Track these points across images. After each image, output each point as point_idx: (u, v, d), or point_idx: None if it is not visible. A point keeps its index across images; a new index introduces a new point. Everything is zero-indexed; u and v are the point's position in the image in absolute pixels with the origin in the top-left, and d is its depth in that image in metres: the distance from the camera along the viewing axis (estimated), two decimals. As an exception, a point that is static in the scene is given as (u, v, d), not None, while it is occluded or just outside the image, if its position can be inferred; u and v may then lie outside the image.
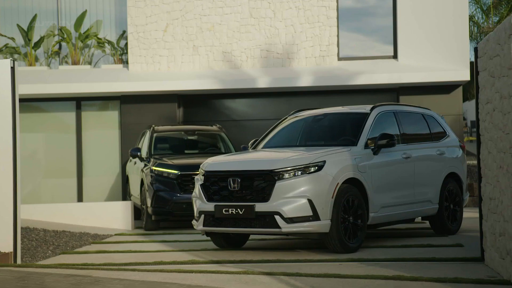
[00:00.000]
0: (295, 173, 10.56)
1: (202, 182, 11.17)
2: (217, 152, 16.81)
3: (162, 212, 14.96)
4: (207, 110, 20.25)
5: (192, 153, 16.75)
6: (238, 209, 10.68)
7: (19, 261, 10.35)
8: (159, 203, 14.89)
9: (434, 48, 19.19)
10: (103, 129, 20.58)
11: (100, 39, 20.91)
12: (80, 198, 20.36)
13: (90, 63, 21.12)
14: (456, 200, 13.04)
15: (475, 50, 9.75)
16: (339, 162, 10.85)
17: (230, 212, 10.74)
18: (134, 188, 16.93)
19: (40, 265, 10.25)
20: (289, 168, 10.57)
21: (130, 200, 17.61)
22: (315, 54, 19.45)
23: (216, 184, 11.02)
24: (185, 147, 17.00)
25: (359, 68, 19.22)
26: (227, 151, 16.73)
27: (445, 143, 13.14)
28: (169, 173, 14.96)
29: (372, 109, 12.05)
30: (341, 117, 12.43)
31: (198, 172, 14.74)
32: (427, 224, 14.33)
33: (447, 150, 13.07)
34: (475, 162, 21.81)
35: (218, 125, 17.54)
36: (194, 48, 19.78)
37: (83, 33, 20.86)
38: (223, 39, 19.71)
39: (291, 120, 12.85)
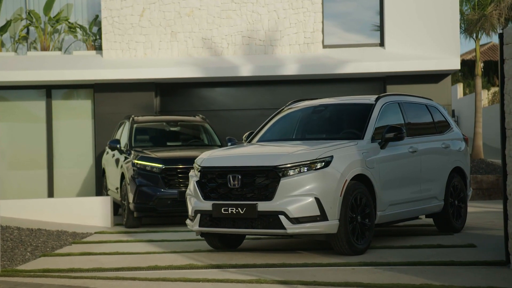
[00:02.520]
0: (300, 170, 9.74)
1: (198, 178, 10.29)
2: (201, 144, 15.93)
3: (145, 209, 14.04)
4: (186, 99, 19.33)
5: (175, 145, 15.81)
6: (239, 208, 9.83)
7: (-1, 267, 9.40)
8: (142, 199, 13.97)
9: (422, 35, 18.47)
10: (75, 119, 19.56)
11: (72, 23, 19.85)
12: (51, 192, 19.33)
13: (60, 49, 20.05)
14: (460, 196, 12.35)
15: (500, 36, 9.00)
16: (347, 157, 10.06)
17: (229, 212, 9.89)
18: (112, 182, 15.97)
19: (24, 272, 9.31)
20: (294, 164, 9.73)
21: (107, 195, 16.66)
22: (299, 41, 18.63)
23: (213, 181, 10.14)
24: (167, 139, 16.05)
25: (345, 56, 18.44)
26: (211, 143, 15.86)
27: (449, 135, 12.44)
28: (152, 167, 14.04)
29: (377, 99, 11.26)
30: (344, 108, 11.61)
31: (182, 166, 14.04)
32: (424, 220, 13.64)
33: (452, 143, 12.37)
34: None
35: (201, 116, 16.62)
36: (172, 34, 18.84)
37: (53, 17, 19.81)
38: (203, 25, 18.80)
39: (288, 112, 12.00)
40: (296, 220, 9.59)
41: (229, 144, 15.38)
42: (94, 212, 14.64)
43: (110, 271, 9.30)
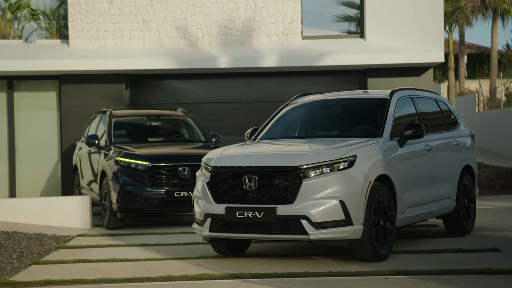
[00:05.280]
0: (322, 170, 9.01)
1: (209, 179, 9.45)
2: (184, 140, 15.04)
3: (130, 209, 13.13)
4: (158, 92, 18.38)
5: (157, 141, 14.86)
6: (256, 212, 9.05)
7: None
8: (127, 199, 13.04)
9: (404, 27, 17.88)
10: (39, 112, 18.40)
11: (34, 10, 18.71)
12: (12, 190, 18.16)
13: (20, 38, 18.89)
14: (470, 195, 11.79)
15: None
16: (370, 156, 9.37)
17: (245, 216, 9.10)
18: (88, 181, 14.96)
19: (23, 284, 8.44)
20: (316, 164, 9.00)
21: (79, 193, 15.66)
22: (277, 32, 17.86)
23: (226, 182, 9.33)
24: (148, 134, 15.07)
25: (325, 48, 17.74)
26: (194, 139, 15.00)
27: (459, 132, 11.86)
28: (137, 165, 13.13)
29: (391, 94, 10.57)
30: (357, 104, 10.89)
31: (170, 164, 13.18)
32: (426, 221, 13.07)
33: (461, 140, 11.79)
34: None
35: (182, 109, 15.70)
36: (143, 23, 17.87)
37: (14, 3, 18.63)
38: (177, 14, 17.88)
39: (293, 107, 11.20)
40: (319, 225, 8.89)
41: (213, 140, 14.64)
42: (71, 213, 13.70)
43: (119, 283, 8.50)
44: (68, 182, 17.62)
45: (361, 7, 18.17)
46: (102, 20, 17.87)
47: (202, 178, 9.62)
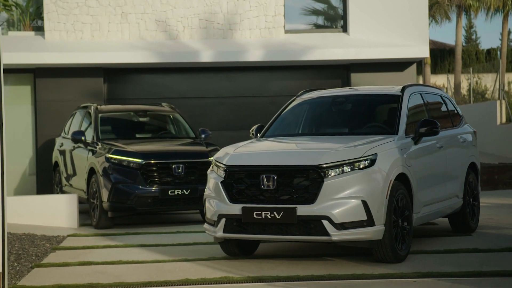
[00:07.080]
0: (343, 169, 8.71)
1: (223, 178, 9.07)
2: (173, 136, 14.57)
3: (122, 208, 12.67)
4: (137, 86, 17.87)
5: (145, 138, 14.35)
6: (275, 213, 8.71)
7: (5, 284, 7.96)
8: (119, 198, 12.57)
9: (388, 22, 17.66)
10: (13, 106, 17.71)
11: (7, 1, 17.98)
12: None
13: (-10, 29, 18.17)
14: (474, 193, 11.61)
15: None
16: (389, 154, 9.13)
17: (263, 216, 8.76)
18: (72, 178, 14.42)
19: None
20: (338, 163, 8.70)
21: (60, 191, 15.11)
22: (260, 26, 17.50)
23: (242, 181, 8.97)
24: (135, 131, 14.56)
25: (308, 42, 17.44)
26: (182, 135, 14.56)
27: (463, 129, 11.67)
28: (129, 162, 12.66)
29: (402, 90, 10.31)
30: (367, 100, 10.60)
31: (163, 161, 12.76)
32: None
33: (466, 137, 11.61)
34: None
35: (169, 104, 15.22)
36: (122, 15, 17.36)
37: (-16, -6, 17.93)
38: (156, 6, 17.40)
39: (300, 102, 10.85)
40: (341, 226, 8.61)
41: (203, 136, 14.27)
42: (58, 212, 13.18)
43: (137, 287, 8.07)
44: (44, 180, 17.05)
45: (344, 2, 17.90)
46: (79, 12, 17.30)
47: (214, 176, 9.25)
